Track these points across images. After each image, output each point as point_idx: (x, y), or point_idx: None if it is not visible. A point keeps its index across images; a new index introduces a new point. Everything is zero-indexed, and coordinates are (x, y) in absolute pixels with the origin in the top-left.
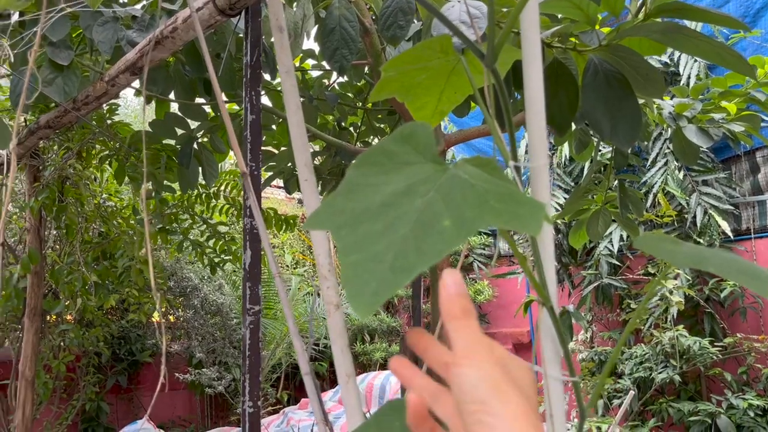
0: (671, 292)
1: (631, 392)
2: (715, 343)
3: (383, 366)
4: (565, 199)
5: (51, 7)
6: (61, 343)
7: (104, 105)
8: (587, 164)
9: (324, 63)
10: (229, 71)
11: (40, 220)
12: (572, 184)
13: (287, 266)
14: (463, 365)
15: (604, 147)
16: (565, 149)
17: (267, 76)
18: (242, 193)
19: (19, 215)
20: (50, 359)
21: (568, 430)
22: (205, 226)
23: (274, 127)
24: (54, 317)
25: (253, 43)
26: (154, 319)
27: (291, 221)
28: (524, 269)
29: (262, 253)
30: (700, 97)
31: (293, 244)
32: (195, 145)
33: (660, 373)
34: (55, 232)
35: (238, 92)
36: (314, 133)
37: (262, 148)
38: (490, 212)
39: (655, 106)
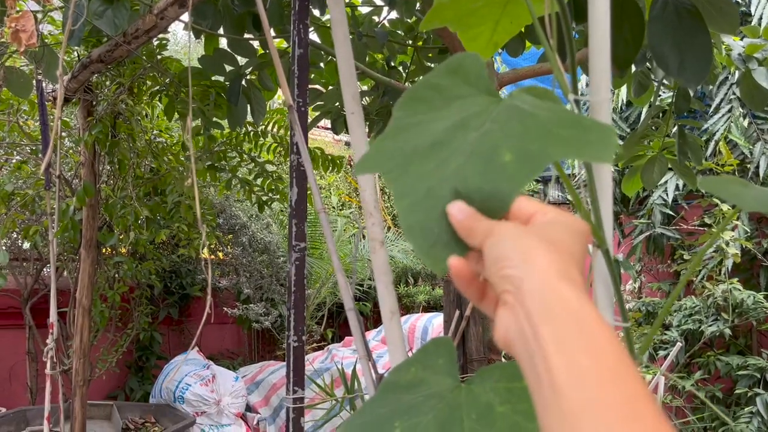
0: (728, 244)
1: (678, 344)
2: None
3: (426, 308)
4: (620, 146)
5: None
6: (116, 275)
7: (154, 40)
8: (644, 109)
9: None
10: (277, 6)
11: (94, 155)
12: (628, 130)
13: (333, 208)
14: (488, 237)
15: (664, 92)
16: (623, 93)
17: (316, 12)
18: (289, 131)
19: (75, 149)
20: (106, 289)
21: None
22: (253, 164)
23: (322, 65)
24: (109, 250)
25: None
26: (203, 255)
27: (338, 162)
28: (580, 210)
29: (309, 192)
30: None
31: (339, 186)
32: (243, 82)
33: (710, 326)
34: (108, 167)
35: (286, 27)
36: (363, 70)
37: (310, 86)
38: (556, 142)
39: (723, 46)
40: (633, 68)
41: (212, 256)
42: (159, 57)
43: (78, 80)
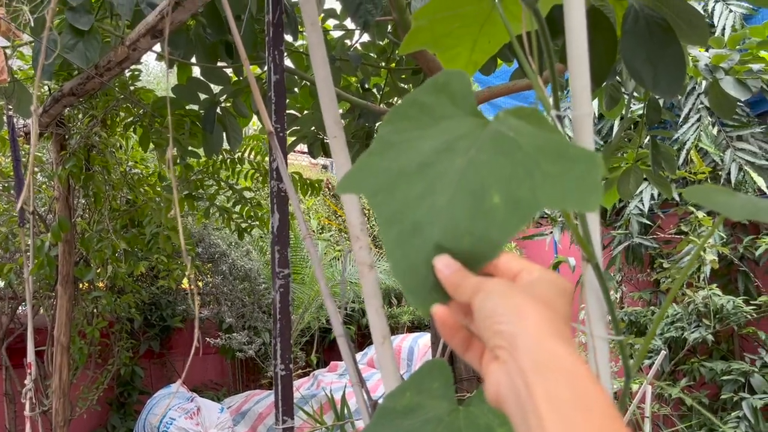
0: (705, 251)
1: (663, 352)
2: (750, 302)
3: (411, 329)
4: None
5: None
6: (94, 310)
7: (126, 71)
8: (617, 122)
9: (346, 23)
10: (250, 33)
11: (68, 189)
12: (601, 142)
13: (313, 231)
14: (477, 293)
15: (635, 103)
16: (594, 107)
17: (288, 38)
18: (267, 157)
19: (48, 184)
20: (84, 325)
21: (612, 389)
22: (231, 191)
23: (296, 90)
24: (86, 284)
25: (275, 1)
26: (183, 285)
27: (316, 185)
28: (569, 225)
29: (291, 217)
30: (738, 47)
31: (318, 209)
32: (218, 110)
33: (692, 332)
34: (83, 201)
35: (260, 54)
36: (338, 93)
37: (285, 111)
38: (544, 184)
39: (690, 57)
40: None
41: (192, 287)
42: (132, 88)
43: (50, 114)
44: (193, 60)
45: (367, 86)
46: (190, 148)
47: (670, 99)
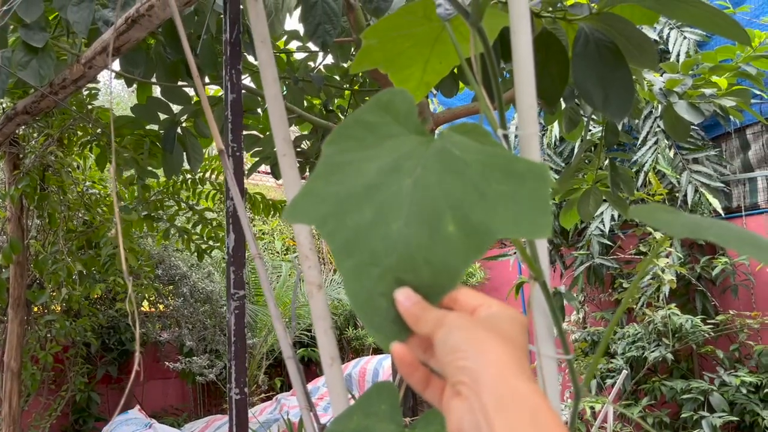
0: (663, 271)
1: (624, 372)
2: (707, 321)
3: (376, 351)
4: (555, 180)
5: None
6: (48, 334)
7: (84, 90)
8: (577, 144)
9: (309, 44)
10: (210, 52)
11: (21, 209)
12: (563, 164)
13: (277, 252)
14: (438, 327)
15: (594, 126)
16: (555, 129)
17: (251, 58)
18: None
19: (0, 205)
20: (37, 350)
21: (562, 410)
22: (191, 212)
23: (259, 110)
24: (39, 308)
25: (232, 20)
26: (144, 308)
27: (279, 206)
28: (515, 244)
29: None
30: (690, 72)
31: (283, 231)
32: (179, 130)
33: (652, 352)
34: (38, 222)
35: (221, 74)
36: (300, 114)
37: (248, 132)
38: (496, 206)
39: (645, 82)
40: (563, 105)
41: (152, 309)
42: (90, 107)
43: (3, 133)
44: (153, 79)
45: (330, 108)
46: (150, 168)
47: (620, 120)
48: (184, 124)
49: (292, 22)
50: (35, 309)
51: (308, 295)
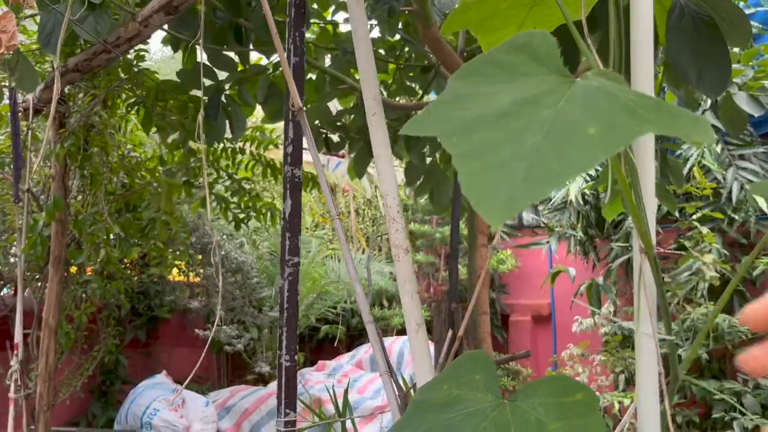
0: (707, 266)
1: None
2: None
3: (401, 332)
4: (599, 168)
5: None
6: (83, 294)
7: (131, 51)
8: None
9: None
10: (264, 18)
11: (65, 168)
12: None
13: (307, 228)
14: None
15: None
16: None
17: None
18: (267, 149)
19: (43, 163)
20: (72, 310)
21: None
22: (230, 181)
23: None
24: (75, 268)
25: None
26: (173, 276)
27: (315, 180)
28: (630, 209)
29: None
30: (751, 63)
31: (312, 207)
32: (222, 98)
33: (686, 349)
34: (78, 182)
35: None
36: (352, 85)
37: (304, 95)
38: (645, 121)
39: None
40: None
41: (182, 277)
42: (136, 69)
43: (51, 90)
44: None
45: None
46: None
47: (714, 98)
48: (228, 92)
49: None
50: (72, 269)
51: (395, 259)
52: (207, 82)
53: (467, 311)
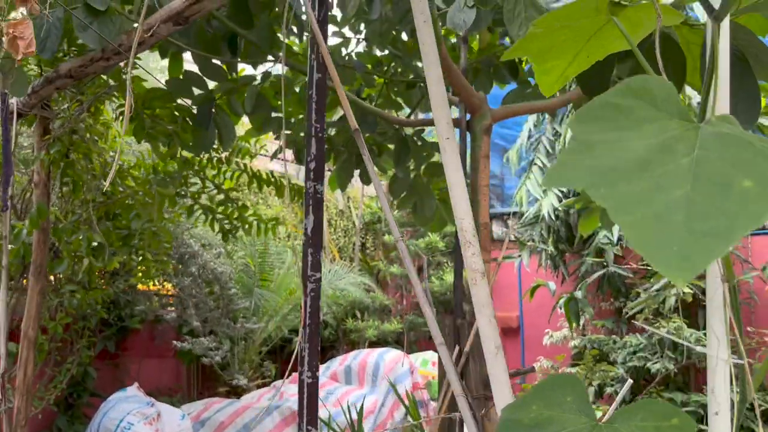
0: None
1: (629, 381)
2: None
3: (373, 344)
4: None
5: None
6: (59, 305)
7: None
8: None
9: (344, 30)
10: (267, 30)
11: (48, 175)
12: None
13: (280, 238)
14: None
15: None
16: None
17: (295, 40)
18: (253, 159)
19: (24, 171)
20: (47, 320)
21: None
22: (216, 191)
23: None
24: (54, 278)
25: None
26: (142, 287)
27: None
28: None
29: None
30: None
31: (286, 217)
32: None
33: (654, 363)
34: (58, 190)
35: (273, 53)
36: (352, 99)
37: (274, 115)
38: None
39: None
40: None
41: (156, 287)
42: (124, 76)
43: (39, 95)
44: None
45: (361, 96)
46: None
47: (748, 129)
48: (216, 101)
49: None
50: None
51: (471, 283)
52: (197, 91)
53: (473, 329)
